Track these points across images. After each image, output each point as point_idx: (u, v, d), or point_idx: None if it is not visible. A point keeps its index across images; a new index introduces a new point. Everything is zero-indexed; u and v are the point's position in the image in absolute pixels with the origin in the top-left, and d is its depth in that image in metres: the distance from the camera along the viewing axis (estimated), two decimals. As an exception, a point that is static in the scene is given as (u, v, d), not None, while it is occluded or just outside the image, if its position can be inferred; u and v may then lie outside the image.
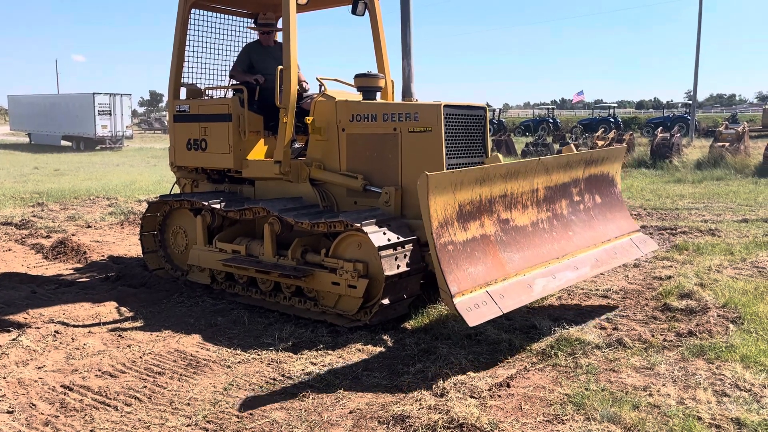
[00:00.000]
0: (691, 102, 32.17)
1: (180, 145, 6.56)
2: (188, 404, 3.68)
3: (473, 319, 3.83)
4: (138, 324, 5.14)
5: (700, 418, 3.37)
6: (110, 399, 3.75)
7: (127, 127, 34.30)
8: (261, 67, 6.42)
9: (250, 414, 3.55)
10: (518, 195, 4.65)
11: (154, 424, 3.43)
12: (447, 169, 5.08)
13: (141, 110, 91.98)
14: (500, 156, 4.98)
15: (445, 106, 5.12)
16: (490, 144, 5.66)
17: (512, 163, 4.56)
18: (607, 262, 5.09)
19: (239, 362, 4.31)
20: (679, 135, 21.22)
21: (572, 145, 5.62)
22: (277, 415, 3.52)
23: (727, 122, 25.78)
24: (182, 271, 6.47)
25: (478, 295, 4.00)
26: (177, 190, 7.09)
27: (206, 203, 5.88)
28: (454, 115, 5.20)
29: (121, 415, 3.54)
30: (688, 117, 32.14)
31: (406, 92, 5.64)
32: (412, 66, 5.68)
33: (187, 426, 3.41)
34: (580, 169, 5.31)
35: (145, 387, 3.91)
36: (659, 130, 23.69)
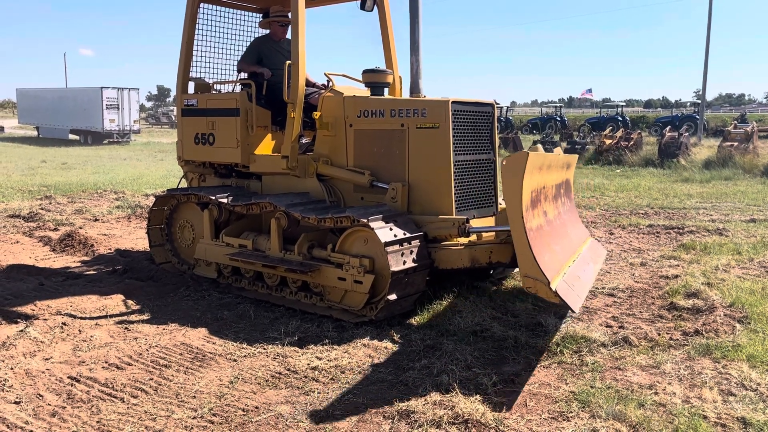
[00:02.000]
0: (699, 101, 32.00)
1: (188, 140, 6.57)
2: (194, 397, 3.69)
3: (576, 303, 3.75)
4: (145, 317, 5.16)
5: (705, 417, 3.36)
6: (117, 391, 3.77)
7: (134, 121, 34.39)
8: (270, 62, 6.43)
9: (256, 408, 3.56)
10: (547, 189, 4.70)
11: (160, 416, 3.45)
12: (454, 166, 5.08)
13: (148, 105, 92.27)
14: (540, 147, 5.06)
15: (453, 102, 5.11)
16: (497, 141, 5.65)
17: (552, 156, 4.65)
18: (597, 261, 5.21)
19: (245, 356, 4.32)
20: (687, 134, 21.13)
21: (559, 148, 5.76)
22: (283, 409, 3.53)
23: (736, 122, 25.62)
24: (189, 265, 6.49)
25: (561, 282, 3.90)
26: (184, 184, 7.11)
27: (213, 197, 5.89)
28: (462, 112, 5.20)
29: (128, 407, 3.56)
30: (697, 116, 31.98)
31: (414, 88, 5.63)
32: (420, 62, 5.68)
33: (192, 419, 3.43)
34: (565, 170, 5.46)
35: (152, 379, 3.93)
36: (667, 129, 23.57)
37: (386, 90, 5.83)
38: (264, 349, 4.44)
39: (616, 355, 4.24)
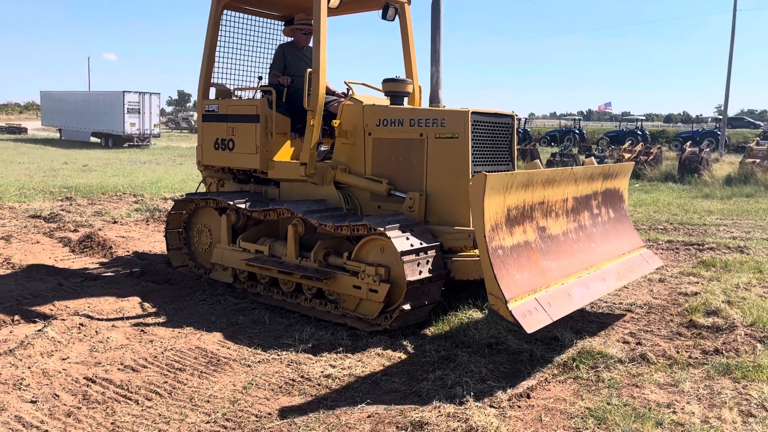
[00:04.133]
0: (720, 117, 31.67)
1: (208, 145, 6.63)
2: (208, 401, 3.70)
3: (530, 326, 3.77)
4: (161, 320, 5.19)
5: (725, 438, 3.30)
6: (132, 393, 3.78)
7: (154, 125, 34.74)
8: (293, 69, 6.47)
9: (269, 414, 3.56)
10: (553, 203, 4.64)
11: (174, 420, 3.46)
12: (472, 176, 5.06)
13: (169, 109, 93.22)
14: (540, 163, 5.00)
15: (473, 113, 5.10)
16: (516, 153, 5.62)
17: (550, 170, 4.55)
18: (626, 276, 5.09)
19: (259, 362, 4.33)
20: (708, 150, 20.89)
21: (592, 158, 5.63)
22: (296, 416, 3.52)
23: (758, 138, 25.31)
24: (205, 269, 6.52)
25: (529, 301, 3.94)
26: (203, 188, 7.16)
27: (231, 203, 5.92)
28: (481, 122, 5.18)
29: (142, 409, 3.58)
30: (718, 132, 31.65)
31: (434, 98, 5.63)
32: (440, 72, 5.67)
33: (206, 423, 3.43)
34: (599, 182, 5.35)
35: (166, 382, 3.95)
36: (688, 144, 23.34)
37: (406, 99, 5.84)
38: (278, 355, 4.44)
39: (633, 372, 4.19)
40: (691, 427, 3.41)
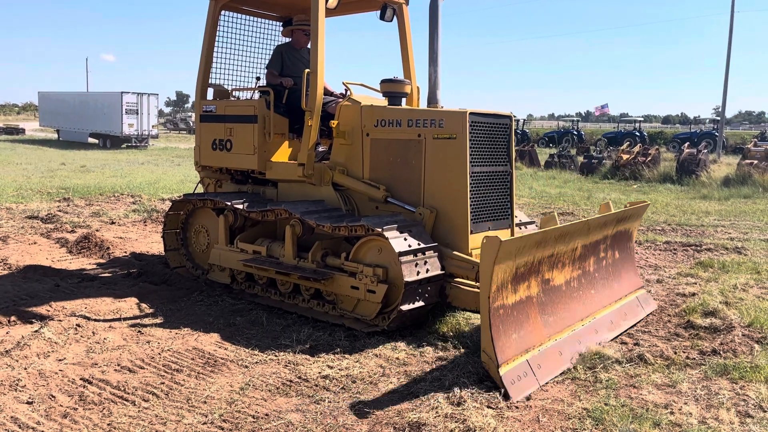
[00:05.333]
0: (719, 118, 31.72)
1: (205, 145, 6.62)
2: (205, 402, 3.69)
3: (516, 393, 3.77)
4: (158, 321, 5.18)
5: (722, 439, 3.29)
6: (128, 394, 3.77)
7: (153, 126, 34.68)
8: (291, 70, 6.46)
9: (266, 415, 3.55)
10: (562, 254, 4.55)
11: (171, 421, 3.45)
12: (470, 178, 5.06)
13: (167, 110, 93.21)
14: (556, 216, 4.81)
15: (471, 113, 5.10)
16: (514, 154, 5.62)
17: (565, 226, 4.40)
18: (619, 325, 5.00)
19: (256, 363, 4.32)
20: (706, 151, 20.92)
21: (609, 202, 5.48)
22: (293, 417, 3.51)
23: (756, 139, 25.36)
24: (203, 270, 6.51)
25: (520, 365, 3.93)
26: (201, 189, 7.15)
27: (229, 203, 5.92)
28: (479, 123, 5.18)
29: (139, 410, 3.57)
30: (716, 133, 31.70)
31: (432, 99, 5.62)
32: (438, 73, 5.66)
33: (203, 424, 3.42)
34: (612, 227, 5.23)
35: (163, 383, 3.94)
36: (686, 145, 23.37)
37: (404, 100, 5.83)
38: (275, 356, 4.43)
39: (631, 373, 4.18)
40: (689, 428, 3.41)
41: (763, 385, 3.94)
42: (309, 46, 6.61)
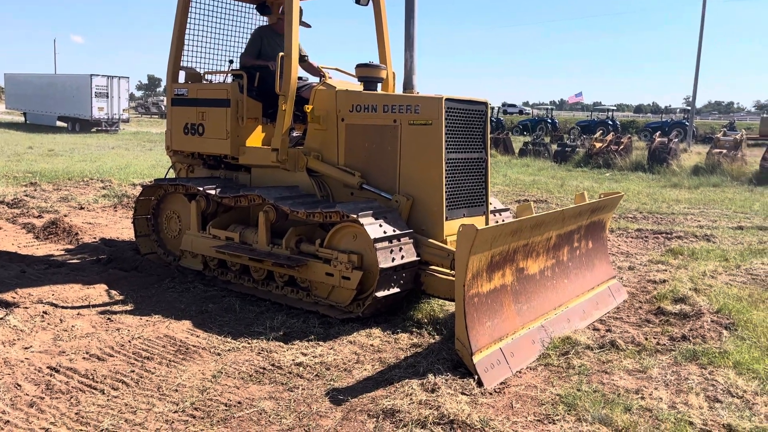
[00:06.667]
0: (689, 108, 32.21)
1: (177, 129, 6.49)
2: (176, 390, 3.63)
3: (489, 381, 3.77)
4: (128, 308, 5.08)
5: (691, 423, 3.35)
6: (97, 382, 3.69)
7: (123, 110, 34.00)
8: (268, 54, 6.34)
9: (239, 403, 3.50)
10: (536, 244, 4.55)
11: (141, 409, 3.38)
12: (446, 164, 5.04)
13: (138, 94, 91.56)
14: (532, 205, 4.88)
15: (447, 99, 5.06)
16: (489, 140, 5.60)
17: (541, 215, 4.41)
18: (591, 314, 5.03)
19: (229, 350, 4.26)
20: (677, 140, 21.24)
21: (584, 193, 5.53)
22: (266, 405, 3.48)
23: (725, 129, 25.82)
24: (174, 257, 6.41)
25: (493, 353, 3.94)
26: (172, 174, 7.02)
27: (201, 189, 5.82)
28: (455, 109, 5.15)
29: (108, 399, 3.49)
30: (686, 123, 32.19)
31: (408, 84, 5.58)
32: (414, 58, 5.62)
33: (174, 412, 3.37)
34: (586, 217, 5.25)
35: (133, 371, 3.86)
36: (657, 134, 23.70)
37: (379, 85, 5.78)
38: (248, 343, 4.38)
39: (603, 359, 4.23)
40: (659, 413, 3.46)
41: (731, 371, 4.01)
42: None
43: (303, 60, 6.60)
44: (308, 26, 6.44)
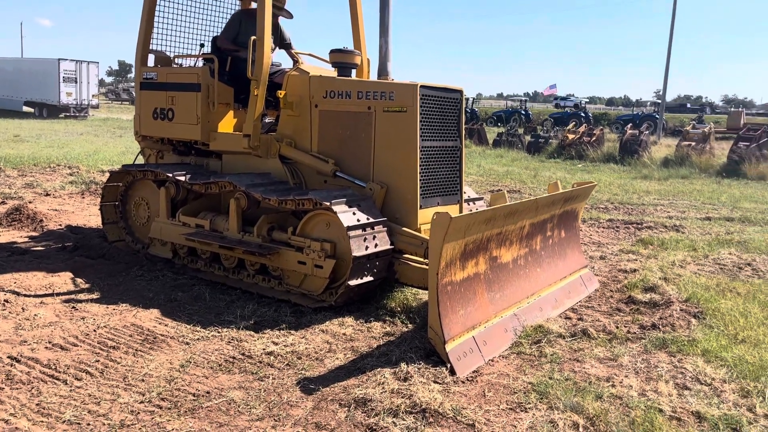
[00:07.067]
0: (659, 101, 32.67)
1: (146, 114, 6.33)
2: (142, 380, 3.54)
3: (462, 369, 3.75)
4: (94, 296, 4.96)
5: (661, 411, 3.37)
6: (60, 372, 3.58)
7: (93, 96, 33.29)
8: (245, 38, 6.18)
9: (207, 393, 3.43)
10: (510, 232, 4.53)
11: (105, 400, 3.29)
12: (420, 152, 4.99)
13: (109, 80, 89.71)
14: (506, 194, 4.87)
15: (422, 86, 5.01)
16: (464, 129, 5.57)
17: (514, 204, 4.40)
18: (563, 303, 5.05)
19: (198, 339, 4.18)
20: (647, 132, 21.53)
21: (558, 182, 5.54)
22: (235, 395, 3.41)
23: (694, 122, 26.25)
24: (143, 244, 6.27)
25: (466, 341, 3.92)
26: (141, 160, 6.86)
27: (171, 175, 5.69)
28: (430, 97, 5.10)
29: (71, 390, 3.39)
30: (656, 116, 32.65)
31: (383, 71, 5.51)
32: (389, 45, 5.55)
33: (140, 403, 3.28)
34: (559, 206, 5.25)
35: (98, 361, 3.76)
36: (628, 126, 24.00)
37: (354, 71, 5.69)
38: (218, 332, 4.30)
39: (574, 347, 4.24)
40: (629, 400, 3.48)
41: (699, 358, 4.06)
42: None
43: (289, 47, 6.48)
44: (290, 16, 6.31)
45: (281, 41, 6.46)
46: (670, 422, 3.27)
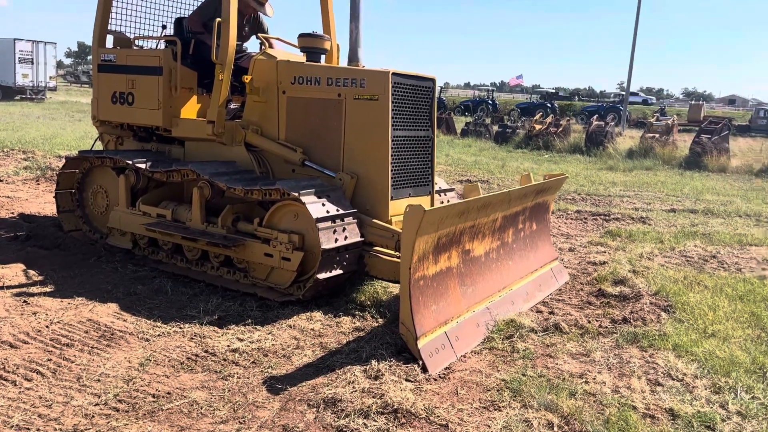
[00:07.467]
0: (622, 93, 33.12)
1: (104, 98, 6.04)
2: (98, 381, 3.34)
3: (434, 366, 3.65)
4: (47, 289, 4.71)
5: (635, 408, 3.33)
6: (8, 372, 3.36)
7: (50, 78, 32.18)
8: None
9: (168, 393, 3.26)
10: (482, 225, 4.44)
11: (57, 403, 3.09)
12: (392, 141, 4.86)
13: (67, 62, 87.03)
14: (479, 186, 4.78)
15: (394, 74, 4.87)
16: (436, 118, 5.45)
17: (488, 197, 4.31)
18: (534, 296, 5.01)
19: (159, 335, 3.98)
20: (612, 123, 21.77)
21: (530, 174, 5.48)
22: (198, 396, 3.24)
23: (657, 114, 26.69)
24: (101, 234, 6.01)
25: (438, 337, 3.82)
26: (99, 146, 6.57)
27: (130, 162, 5.44)
28: (402, 85, 4.96)
29: (20, 391, 3.18)
30: (620, 107, 33.12)
31: (353, 57, 5.34)
32: (360, 30, 5.38)
33: (95, 405, 3.09)
34: (531, 198, 5.18)
35: (50, 360, 3.54)
36: (594, 117, 24.25)
37: (323, 57, 5.51)
38: (180, 328, 4.11)
39: (547, 342, 4.19)
40: (603, 397, 3.43)
41: (670, 353, 4.04)
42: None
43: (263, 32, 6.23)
44: (269, 14, 6.05)
45: (259, 29, 6.22)
46: (644, 420, 3.23)
